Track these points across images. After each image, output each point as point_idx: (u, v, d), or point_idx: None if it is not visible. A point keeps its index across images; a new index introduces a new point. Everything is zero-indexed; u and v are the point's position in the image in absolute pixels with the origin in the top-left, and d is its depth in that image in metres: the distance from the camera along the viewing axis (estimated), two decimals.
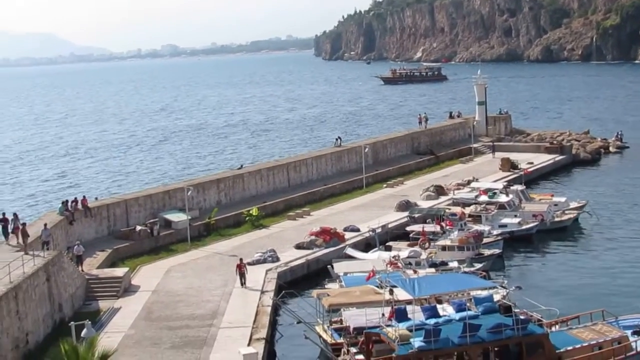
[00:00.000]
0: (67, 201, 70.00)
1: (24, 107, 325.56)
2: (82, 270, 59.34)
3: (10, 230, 56.99)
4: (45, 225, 58.00)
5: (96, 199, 75.93)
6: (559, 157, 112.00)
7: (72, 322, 40.68)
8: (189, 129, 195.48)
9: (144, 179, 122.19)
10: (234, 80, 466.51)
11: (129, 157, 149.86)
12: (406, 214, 78.54)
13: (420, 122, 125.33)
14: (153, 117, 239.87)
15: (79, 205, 70.14)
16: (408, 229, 73.46)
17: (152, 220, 73.49)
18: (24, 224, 56.10)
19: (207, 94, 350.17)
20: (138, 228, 71.51)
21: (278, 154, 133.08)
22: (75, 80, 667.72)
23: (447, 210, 76.20)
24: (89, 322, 40.84)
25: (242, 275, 57.74)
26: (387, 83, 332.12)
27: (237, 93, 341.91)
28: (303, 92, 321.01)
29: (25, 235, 54.29)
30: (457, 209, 76.77)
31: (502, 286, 51.29)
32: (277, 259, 64.70)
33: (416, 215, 76.41)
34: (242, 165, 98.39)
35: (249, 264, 62.27)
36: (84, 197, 73.17)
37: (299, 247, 68.51)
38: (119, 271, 60.77)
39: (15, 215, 57.60)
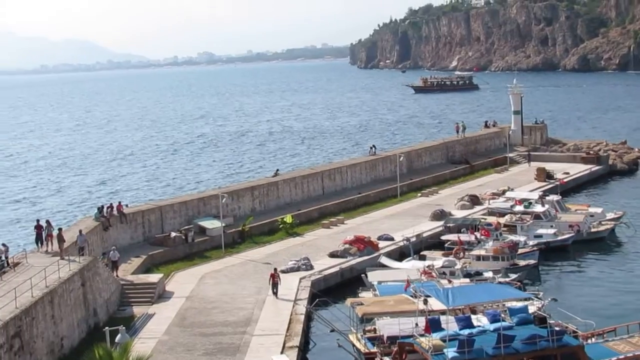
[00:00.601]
0: (102, 207, 70.38)
1: (64, 114, 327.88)
2: (117, 276, 59.58)
3: (43, 238, 57.18)
4: (81, 231, 58.31)
5: (126, 205, 76.08)
6: (595, 168, 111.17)
7: (106, 327, 40.89)
8: (224, 136, 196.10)
9: (180, 185, 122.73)
10: (268, 88, 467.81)
11: (165, 163, 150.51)
12: (440, 223, 78.20)
13: (457, 131, 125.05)
14: (189, 124, 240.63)
15: (115, 211, 70.48)
16: (443, 238, 73.13)
17: (186, 227, 73.71)
18: (60, 229, 56.33)
19: (243, 101, 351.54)
20: (173, 234, 71.75)
21: (312, 162, 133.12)
22: (113, 87, 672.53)
23: (482, 220, 75.75)
24: (123, 328, 40.98)
25: (275, 285, 57.55)
26: (419, 92, 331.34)
27: (271, 101, 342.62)
28: (338, 100, 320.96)
29: (61, 240, 54.55)
30: (493, 219, 76.28)
31: (537, 297, 50.93)
32: (311, 267, 64.65)
33: (451, 225, 76.02)
34: (277, 170, 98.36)
35: (283, 271, 62.29)
36: (120, 203, 73.50)
37: (332, 255, 68.41)
38: (154, 277, 60.99)
39: (48, 222, 57.82)
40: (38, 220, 59.21)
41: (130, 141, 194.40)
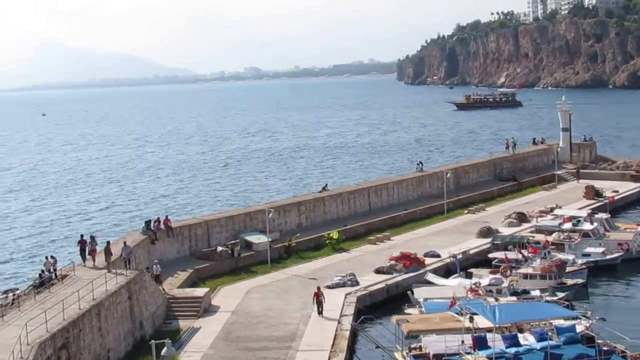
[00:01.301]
0: (149, 221, 70.84)
1: (114, 128, 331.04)
2: (162, 290, 59.84)
3: (87, 253, 57.49)
4: (125, 242, 58.71)
5: (166, 217, 76.37)
6: None
7: (152, 341, 41.12)
8: (271, 151, 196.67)
9: (226, 200, 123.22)
10: (315, 104, 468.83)
11: (212, 177, 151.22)
12: (487, 240, 77.78)
13: (507, 147, 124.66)
14: (236, 139, 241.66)
15: (162, 225, 70.85)
16: (490, 256, 72.60)
17: (233, 242, 73.91)
18: (108, 243, 56.70)
19: (290, 116, 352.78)
20: (219, 249, 71.98)
21: (359, 178, 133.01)
22: (161, 101, 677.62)
23: (530, 238, 75.22)
24: (169, 341, 41.20)
25: (320, 304, 57.22)
26: (461, 109, 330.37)
27: (318, 116, 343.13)
28: (385, 116, 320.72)
29: (108, 253, 54.90)
30: (541, 237, 75.70)
31: (585, 316, 50.36)
32: (357, 283, 64.54)
33: (498, 242, 75.55)
34: (326, 185, 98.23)
35: (328, 287, 62.31)
36: (167, 216, 73.90)
37: (378, 271, 68.26)
38: (200, 291, 61.19)
39: (92, 237, 58.15)
40: (82, 235, 59.59)
41: (178, 155, 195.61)
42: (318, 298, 57.20)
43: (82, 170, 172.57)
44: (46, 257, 56.45)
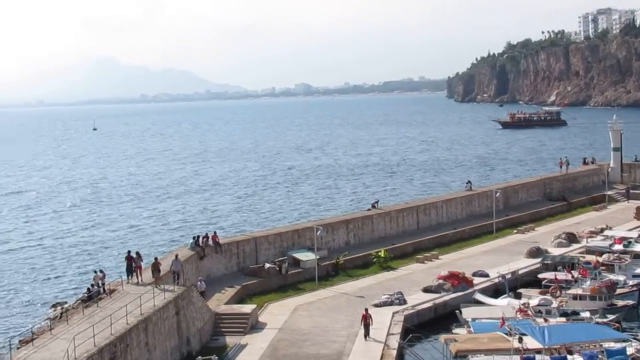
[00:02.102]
0: (198, 237, 71.21)
1: (163, 143, 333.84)
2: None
3: (133, 269, 57.63)
4: (177, 256, 59.02)
5: (214, 233, 76.59)
6: None
7: (199, 357, 41.38)
8: (321, 168, 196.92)
9: (275, 217, 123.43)
10: (368, 120, 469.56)
11: (261, 194, 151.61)
12: (536, 260, 77.20)
13: (561, 166, 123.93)
14: (287, 155, 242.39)
15: (210, 241, 71.16)
16: (540, 276, 71.98)
17: (281, 259, 74.03)
18: (155, 259, 56.96)
19: (340, 133, 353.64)
20: (267, 265, 72.11)
21: (408, 196, 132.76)
22: (212, 116, 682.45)
23: (580, 259, 74.52)
24: (216, 357, 41.47)
25: (367, 327, 56.35)
26: (506, 127, 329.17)
27: (368, 133, 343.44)
28: (434, 133, 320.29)
29: (156, 270, 55.11)
30: (591, 257, 74.97)
31: (636, 339, 49.86)
32: (404, 302, 64.29)
33: (548, 262, 74.96)
34: (377, 201, 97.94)
35: (376, 305, 62.19)
36: (215, 233, 74.21)
37: (426, 290, 67.97)
38: (247, 308, 61.30)
39: (138, 254, 58.27)
40: (129, 251, 59.75)
41: (225, 171, 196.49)
42: (366, 321, 56.42)
43: (134, 185, 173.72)
44: (95, 272, 56.97)
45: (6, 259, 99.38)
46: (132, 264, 57.13)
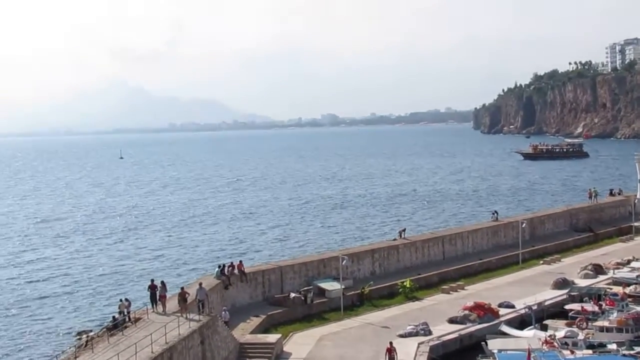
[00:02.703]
0: (223, 265, 71.26)
1: (192, 172, 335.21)
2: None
3: (157, 298, 57.55)
4: (200, 284, 58.93)
5: (240, 262, 76.59)
6: None
7: None
8: (347, 197, 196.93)
9: (300, 246, 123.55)
10: (392, 151, 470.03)
11: (287, 223, 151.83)
12: (562, 292, 76.76)
13: (590, 197, 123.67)
14: (313, 184, 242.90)
15: (235, 270, 71.24)
16: (566, 307, 71.54)
17: (306, 288, 73.99)
18: (182, 289, 56.97)
19: (367, 163, 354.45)
20: (292, 295, 72.06)
21: (434, 226, 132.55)
22: (239, 145, 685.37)
23: (607, 290, 74.03)
24: None
25: None
26: (527, 158, 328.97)
27: (395, 163, 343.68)
28: (460, 164, 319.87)
29: (183, 299, 54.99)
30: (618, 289, 74.49)
31: None
32: (430, 332, 64.03)
33: (575, 294, 74.54)
34: (404, 230, 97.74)
35: (401, 336, 61.99)
36: (240, 261, 74.25)
37: (452, 321, 67.67)
38: (272, 337, 61.23)
39: (162, 283, 58.14)
40: (152, 280, 59.75)
41: (254, 200, 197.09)
42: (390, 354, 55.92)
43: (161, 214, 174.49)
44: (120, 300, 57.11)
45: (33, 286, 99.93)
46: (156, 293, 57.13)
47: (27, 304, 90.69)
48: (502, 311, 70.23)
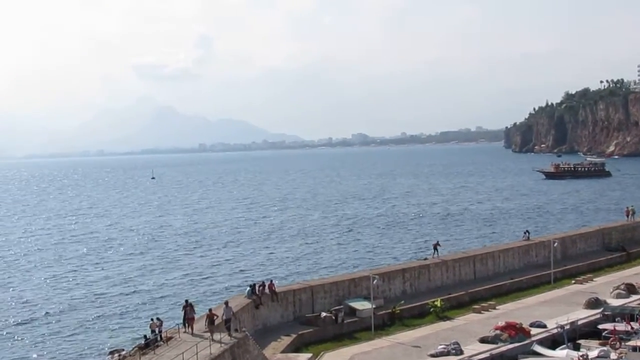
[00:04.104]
0: (254, 285, 71.39)
1: (220, 191, 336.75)
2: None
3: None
4: (227, 303, 58.62)
5: (271, 281, 76.64)
6: None
7: None
8: (377, 217, 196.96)
9: (331, 265, 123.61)
10: (424, 170, 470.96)
11: (318, 242, 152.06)
12: (594, 311, 76.25)
13: (627, 215, 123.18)
14: (344, 204, 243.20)
15: (266, 289, 71.37)
16: (600, 327, 71.11)
17: (337, 307, 73.94)
18: (210, 310, 56.88)
19: (397, 182, 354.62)
20: (323, 314, 72.06)
21: (464, 246, 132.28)
22: (271, 166, 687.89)
23: None
24: None
25: None
26: (549, 178, 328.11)
27: (428, 182, 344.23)
28: (491, 183, 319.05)
29: (211, 320, 54.62)
30: None
31: None
32: (461, 352, 63.75)
33: (608, 313, 74.09)
34: (438, 242, 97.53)
35: (432, 355, 61.82)
36: (272, 281, 74.38)
37: (483, 340, 67.35)
38: (303, 357, 61.29)
39: (190, 305, 57.73)
40: (186, 301, 59.59)
41: (285, 219, 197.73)
42: None
43: (192, 233, 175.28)
44: (152, 319, 57.29)
45: (66, 304, 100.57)
46: (186, 313, 57.03)
47: (61, 320, 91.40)
48: (533, 331, 69.82)
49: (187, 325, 56.69)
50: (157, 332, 54.66)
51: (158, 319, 56.72)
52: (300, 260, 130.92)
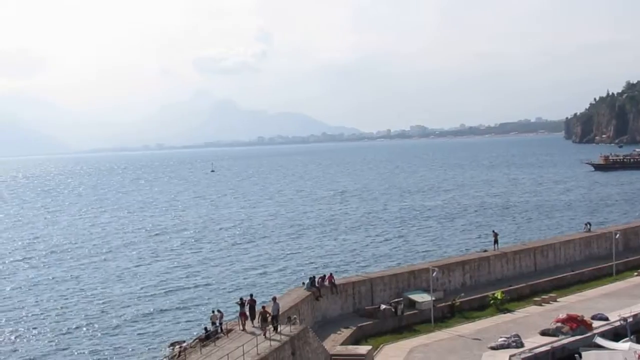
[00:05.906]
0: (314, 277, 71.65)
1: (281, 184, 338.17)
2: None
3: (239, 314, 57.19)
4: (274, 299, 58.29)
5: (330, 274, 76.68)
6: None
7: None
8: (437, 209, 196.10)
9: (391, 257, 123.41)
10: (485, 162, 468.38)
11: (378, 235, 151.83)
12: None
13: None
14: (406, 196, 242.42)
15: (326, 282, 71.58)
16: None
17: (396, 300, 73.92)
18: (263, 307, 56.77)
19: (458, 174, 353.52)
20: (382, 307, 72.09)
21: (525, 238, 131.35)
22: (329, 158, 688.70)
23: None
24: None
25: None
26: (599, 169, 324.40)
27: (489, 174, 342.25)
28: (550, 176, 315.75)
29: (264, 318, 54.21)
30: None
31: None
32: (522, 345, 63.37)
33: None
34: (496, 234, 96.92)
35: (492, 348, 61.56)
36: (331, 274, 74.64)
37: (544, 333, 66.87)
38: (362, 349, 61.28)
39: (242, 301, 57.05)
40: (251, 295, 59.21)
41: (346, 211, 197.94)
42: None
43: (253, 225, 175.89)
44: (213, 311, 57.75)
45: (130, 296, 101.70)
46: (253, 306, 56.77)
47: (123, 313, 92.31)
48: (595, 323, 69.15)
49: (253, 319, 56.63)
50: (217, 324, 55.05)
51: (219, 311, 57.15)
52: (359, 252, 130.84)
